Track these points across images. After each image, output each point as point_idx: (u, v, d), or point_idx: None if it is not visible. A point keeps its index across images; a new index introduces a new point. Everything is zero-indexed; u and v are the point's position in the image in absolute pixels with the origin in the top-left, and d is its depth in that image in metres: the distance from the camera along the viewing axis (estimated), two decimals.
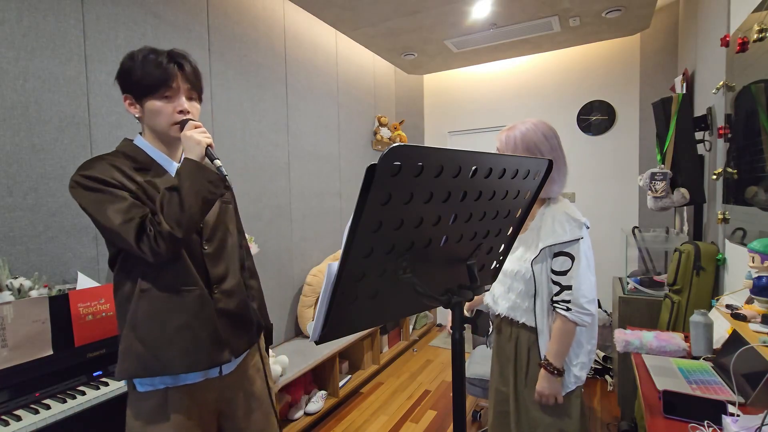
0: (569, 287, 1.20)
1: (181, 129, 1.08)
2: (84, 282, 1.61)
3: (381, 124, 4.10)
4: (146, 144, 1.11)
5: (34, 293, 1.44)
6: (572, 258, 1.21)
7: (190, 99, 1.11)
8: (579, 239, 1.21)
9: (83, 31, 1.77)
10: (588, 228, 1.26)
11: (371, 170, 0.54)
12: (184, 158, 1.04)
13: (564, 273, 1.22)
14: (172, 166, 1.13)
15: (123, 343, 1.07)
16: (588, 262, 1.22)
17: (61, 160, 1.69)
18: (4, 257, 1.48)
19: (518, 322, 1.32)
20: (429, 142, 4.50)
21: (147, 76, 1.04)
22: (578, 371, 1.28)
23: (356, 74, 3.79)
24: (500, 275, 1.31)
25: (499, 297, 1.38)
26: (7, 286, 1.41)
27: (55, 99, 1.67)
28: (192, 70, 1.11)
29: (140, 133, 1.13)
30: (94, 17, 1.81)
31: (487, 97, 4.17)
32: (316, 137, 3.26)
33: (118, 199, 0.99)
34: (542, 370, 1.25)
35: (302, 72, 3.10)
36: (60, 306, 1.42)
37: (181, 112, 1.08)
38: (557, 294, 1.24)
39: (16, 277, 1.45)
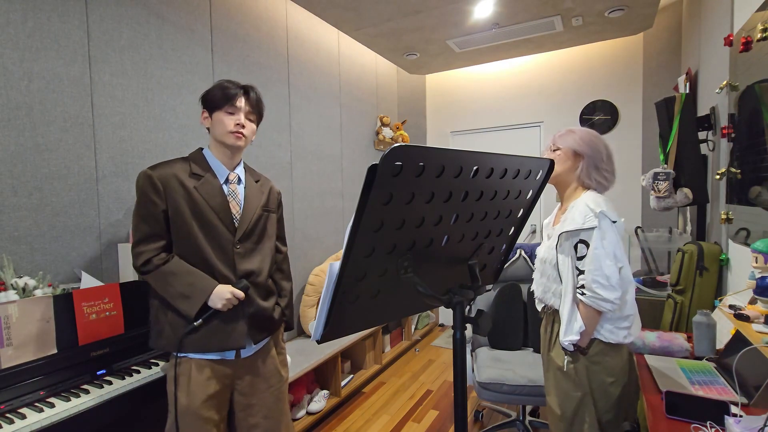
0: (584, 272, 1.28)
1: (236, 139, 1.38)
2: (88, 281, 1.62)
3: (383, 124, 4.10)
4: (209, 153, 1.41)
5: (38, 292, 1.45)
6: (587, 245, 1.28)
7: (249, 120, 1.40)
8: (593, 227, 1.27)
9: (87, 31, 1.78)
10: (614, 221, 1.29)
11: (372, 170, 0.54)
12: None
13: (581, 259, 1.30)
14: (225, 173, 1.40)
15: (156, 325, 1.34)
16: (605, 251, 1.26)
17: (65, 160, 1.70)
18: (8, 256, 1.49)
19: (548, 303, 1.45)
20: (431, 142, 4.50)
21: (217, 94, 1.34)
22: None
23: (358, 74, 3.79)
24: (537, 262, 1.51)
25: (536, 281, 1.53)
26: (11, 285, 1.42)
27: (59, 99, 1.68)
28: (255, 97, 1.40)
29: (209, 146, 1.43)
30: (98, 18, 1.82)
31: (490, 96, 4.17)
32: (318, 137, 3.27)
33: (151, 218, 1.29)
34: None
35: (304, 72, 3.10)
36: (64, 305, 1.43)
37: (238, 125, 1.35)
38: (579, 279, 1.32)
39: (21, 276, 1.46)
